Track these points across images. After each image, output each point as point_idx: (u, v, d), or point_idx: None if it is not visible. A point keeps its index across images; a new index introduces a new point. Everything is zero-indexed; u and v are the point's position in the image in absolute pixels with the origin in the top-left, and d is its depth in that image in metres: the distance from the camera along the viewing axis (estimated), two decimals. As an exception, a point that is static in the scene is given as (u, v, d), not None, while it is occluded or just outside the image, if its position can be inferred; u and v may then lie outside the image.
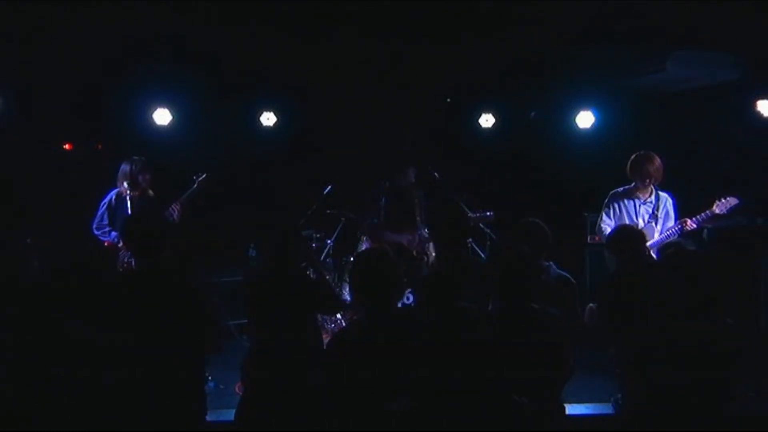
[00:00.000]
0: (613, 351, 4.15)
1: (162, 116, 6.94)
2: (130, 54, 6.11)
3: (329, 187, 7.18)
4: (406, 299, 5.44)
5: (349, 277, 6.80)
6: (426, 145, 7.66)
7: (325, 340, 4.39)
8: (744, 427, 4.15)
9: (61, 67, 6.21)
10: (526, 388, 3.16)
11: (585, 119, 7.40)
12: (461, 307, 3.29)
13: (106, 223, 5.91)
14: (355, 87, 7.20)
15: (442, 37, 5.94)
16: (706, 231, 6.05)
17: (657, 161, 5.61)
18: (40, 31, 5.53)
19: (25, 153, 7.00)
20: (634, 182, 5.67)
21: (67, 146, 7.75)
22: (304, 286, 3.95)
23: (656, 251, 5.33)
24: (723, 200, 5.47)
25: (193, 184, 6.20)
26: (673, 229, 5.55)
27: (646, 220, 5.61)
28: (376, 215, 6.81)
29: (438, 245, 4.70)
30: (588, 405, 4.78)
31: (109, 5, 5.17)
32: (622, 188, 5.75)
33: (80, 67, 6.25)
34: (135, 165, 5.93)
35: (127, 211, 5.73)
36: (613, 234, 4.45)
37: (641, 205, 5.66)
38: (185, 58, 6.32)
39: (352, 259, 7.06)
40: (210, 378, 4.85)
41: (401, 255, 6.02)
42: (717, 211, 5.46)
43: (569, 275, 4.22)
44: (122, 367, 3.22)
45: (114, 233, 5.83)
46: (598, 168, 6.85)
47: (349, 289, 7.09)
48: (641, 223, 5.56)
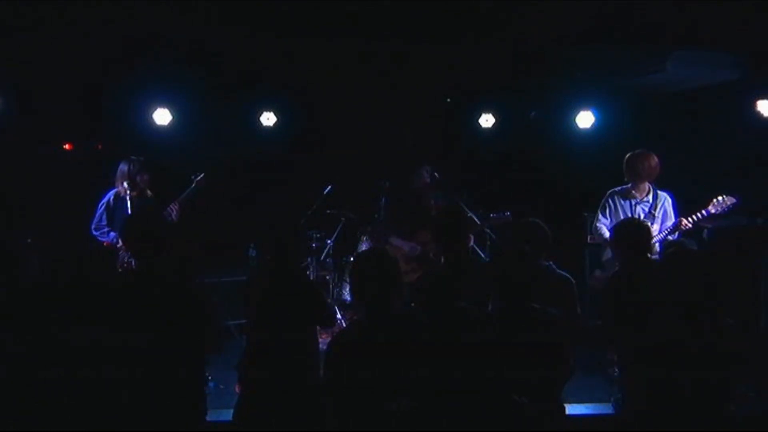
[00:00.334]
0: (611, 353, 4.15)
1: (162, 116, 6.95)
2: (130, 54, 6.10)
3: (329, 187, 7.19)
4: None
5: (349, 277, 6.81)
6: (426, 145, 7.66)
7: (326, 340, 4.40)
8: (744, 427, 4.15)
9: (61, 67, 6.21)
10: (526, 388, 3.16)
11: (585, 119, 7.39)
12: (461, 307, 3.29)
13: (105, 224, 5.92)
14: (356, 87, 7.19)
15: (442, 37, 5.93)
16: (706, 231, 6.04)
17: (652, 160, 5.58)
18: (40, 31, 5.52)
19: (25, 153, 7.00)
20: (630, 181, 5.67)
21: (67, 146, 7.76)
22: (304, 292, 3.96)
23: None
24: (720, 199, 5.44)
25: (192, 184, 6.24)
26: (670, 229, 5.54)
27: (642, 219, 5.59)
28: (377, 214, 6.82)
29: (438, 245, 4.70)
30: (588, 405, 4.79)
31: (109, 5, 5.16)
32: (619, 188, 5.75)
33: (80, 67, 6.25)
34: (133, 165, 5.93)
35: (127, 212, 5.74)
36: (617, 227, 4.34)
37: (637, 204, 5.65)
38: (185, 58, 6.31)
39: (352, 259, 7.07)
40: (210, 378, 4.85)
41: (419, 260, 6.00)
42: (713, 211, 5.43)
43: (569, 275, 4.22)
44: (122, 367, 3.21)
45: (113, 233, 5.83)
46: (598, 168, 6.84)
47: (349, 289, 7.10)
48: None
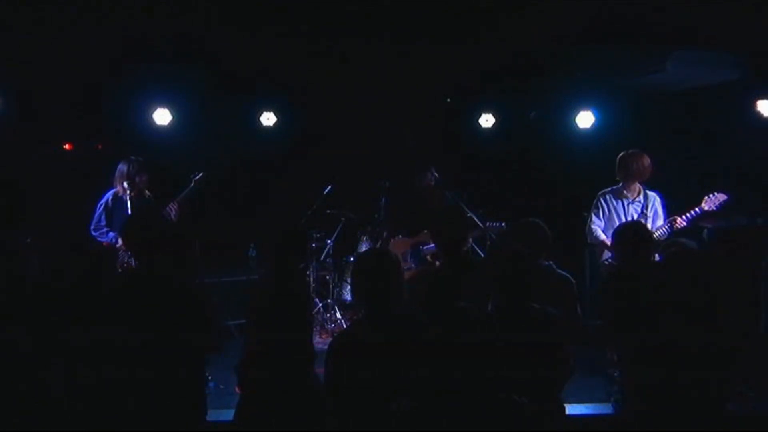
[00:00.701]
0: (611, 353, 4.14)
1: (162, 116, 6.95)
2: (130, 54, 6.10)
3: (329, 187, 7.19)
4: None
5: (350, 277, 6.81)
6: (426, 145, 7.66)
7: (326, 341, 4.40)
8: (744, 427, 4.16)
9: (61, 67, 6.21)
10: (526, 388, 3.15)
11: (585, 119, 7.40)
12: (461, 307, 3.29)
13: (104, 224, 5.91)
14: (355, 87, 7.20)
15: (442, 37, 5.93)
16: (706, 231, 6.04)
17: (645, 160, 5.58)
18: (40, 31, 5.53)
19: (25, 153, 7.00)
20: (621, 181, 5.66)
21: (67, 146, 7.76)
22: (303, 297, 3.95)
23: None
24: (711, 196, 5.43)
25: (191, 184, 6.23)
26: (664, 228, 5.52)
27: (635, 219, 5.58)
28: (377, 214, 6.82)
29: (437, 245, 4.70)
30: (588, 405, 4.79)
31: (109, 5, 5.16)
32: (610, 188, 5.74)
33: (80, 67, 6.24)
34: (132, 166, 5.93)
35: (126, 212, 5.73)
36: (619, 231, 4.27)
37: (629, 205, 5.65)
38: (185, 58, 6.32)
39: (352, 259, 7.07)
40: (210, 378, 4.86)
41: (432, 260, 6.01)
42: (706, 208, 5.42)
43: (569, 275, 4.22)
44: (122, 367, 3.21)
45: (112, 234, 5.83)
46: (598, 168, 6.83)
47: (349, 289, 7.11)
48: None
